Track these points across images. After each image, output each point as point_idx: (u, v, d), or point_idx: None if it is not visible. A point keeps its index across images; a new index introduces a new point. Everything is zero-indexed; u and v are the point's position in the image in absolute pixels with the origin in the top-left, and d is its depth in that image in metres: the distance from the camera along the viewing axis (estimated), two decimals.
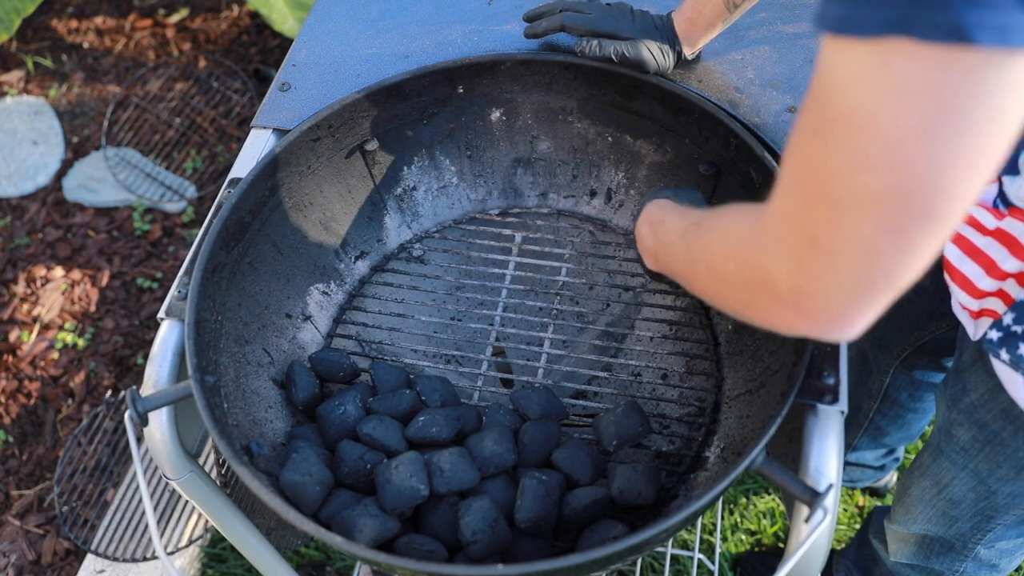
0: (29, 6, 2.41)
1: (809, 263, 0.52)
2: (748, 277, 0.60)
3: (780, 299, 0.56)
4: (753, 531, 1.73)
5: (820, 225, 0.50)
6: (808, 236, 0.51)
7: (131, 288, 2.19)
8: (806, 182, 0.51)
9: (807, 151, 0.50)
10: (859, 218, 0.48)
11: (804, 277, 0.53)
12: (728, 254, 0.64)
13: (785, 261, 0.54)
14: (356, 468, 0.95)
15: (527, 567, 0.76)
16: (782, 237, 0.54)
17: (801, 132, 0.51)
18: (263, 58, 2.64)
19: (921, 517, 1.18)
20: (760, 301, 0.59)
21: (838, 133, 0.47)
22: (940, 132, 0.44)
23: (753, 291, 0.60)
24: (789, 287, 0.54)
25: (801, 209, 0.51)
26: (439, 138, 1.23)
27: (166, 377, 0.95)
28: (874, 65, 0.44)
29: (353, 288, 1.22)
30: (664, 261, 0.85)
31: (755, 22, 1.18)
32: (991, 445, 0.99)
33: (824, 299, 0.53)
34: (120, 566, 1.69)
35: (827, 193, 0.49)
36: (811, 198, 0.50)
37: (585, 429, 1.08)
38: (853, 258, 0.50)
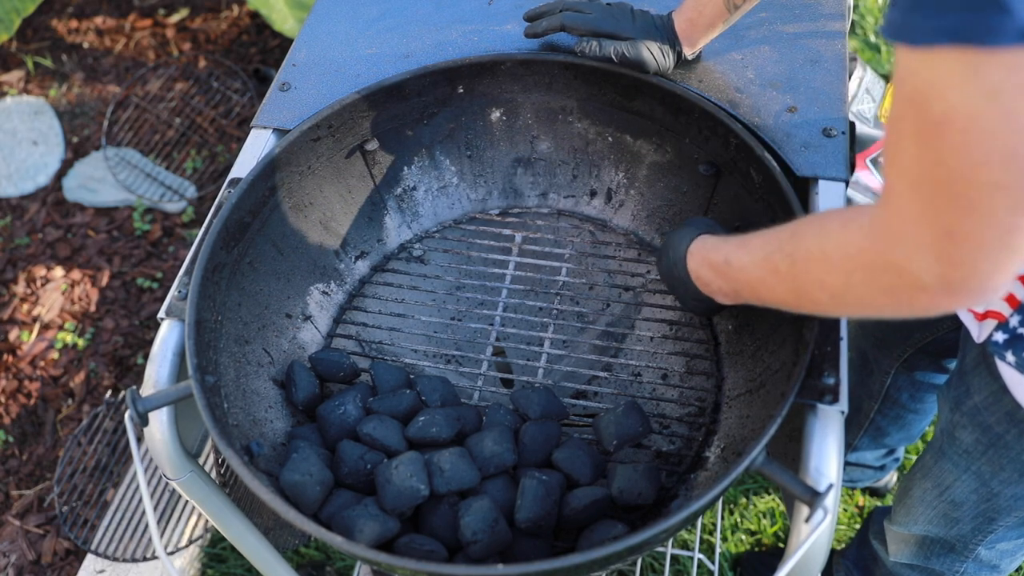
0: (29, 6, 2.41)
1: (951, 253, 0.56)
2: (884, 282, 0.63)
3: (928, 289, 0.60)
4: (753, 531, 1.73)
5: (952, 218, 0.54)
6: (943, 230, 0.55)
7: (131, 288, 2.19)
8: (925, 182, 0.55)
9: (916, 154, 0.54)
10: (989, 207, 0.53)
11: (949, 266, 0.57)
12: (850, 268, 0.66)
13: (925, 256, 0.58)
14: (356, 468, 0.95)
15: (527, 567, 0.76)
16: (915, 236, 0.57)
17: (903, 136, 0.55)
18: (263, 58, 2.64)
19: (922, 519, 1.18)
20: (903, 297, 0.63)
21: (946, 135, 0.51)
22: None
23: (893, 292, 0.63)
24: (935, 277, 0.58)
25: (928, 207, 0.55)
26: (439, 138, 1.23)
27: (166, 377, 0.95)
28: (963, 72, 0.48)
29: (353, 288, 1.22)
30: (752, 294, 0.85)
31: (755, 22, 1.18)
32: (995, 448, 0.99)
33: (974, 278, 0.57)
34: (120, 566, 1.69)
35: (951, 189, 0.53)
36: (935, 196, 0.54)
37: (585, 429, 1.08)
38: (991, 240, 0.55)
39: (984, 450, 1.00)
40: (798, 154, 1.03)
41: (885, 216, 0.61)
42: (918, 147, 0.54)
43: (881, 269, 0.63)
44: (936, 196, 0.55)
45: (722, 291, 0.90)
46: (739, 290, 0.87)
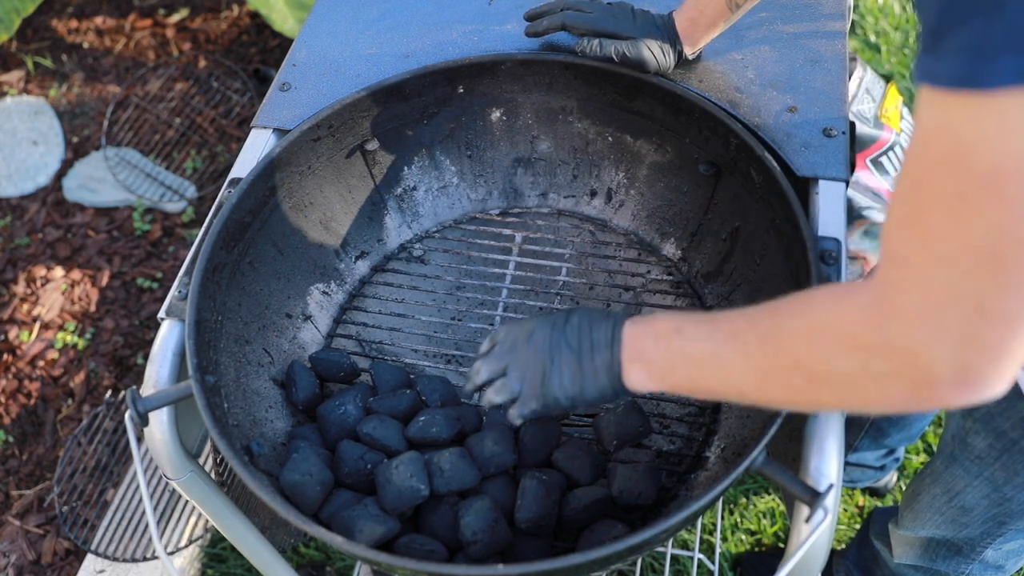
0: (29, 6, 2.41)
1: (979, 335, 0.49)
2: (881, 368, 0.55)
3: (936, 381, 0.52)
4: (753, 531, 1.73)
5: (991, 292, 0.48)
6: (974, 306, 0.49)
7: (131, 288, 2.19)
8: (963, 252, 0.48)
9: (953, 220, 0.47)
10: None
11: (973, 352, 0.50)
12: (839, 348, 0.57)
13: (945, 341, 0.50)
14: (356, 468, 0.95)
15: (527, 567, 0.76)
16: (937, 317, 0.50)
17: (932, 203, 0.48)
18: (263, 58, 2.64)
19: (930, 523, 1.17)
20: (902, 388, 0.55)
21: (998, 191, 0.45)
22: None
23: (890, 381, 0.55)
24: (952, 367, 0.51)
25: (961, 282, 0.48)
26: (439, 138, 1.23)
27: (166, 377, 0.95)
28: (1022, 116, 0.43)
29: (353, 288, 1.22)
30: (692, 374, 0.70)
31: (755, 22, 1.18)
32: (1009, 453, 0.98)
33: (997, 368, 0.51)
34: (120, 566, 1.68)
35: (995, 255, 0.47)
36: (976, 267, 0.48)
37: (585, 429, 1.08)
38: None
39: (998, 456, 1.00)
40: (798, 154, 1.03)
41: (895, 294, 0.52)
42: (956, 212, 0.47)
43: (882, 354, 0.54)
44: (977, 267, 0.48)
45: (650, 367, 0.73)
46: (676, 366, 0.71)
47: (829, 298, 0.60)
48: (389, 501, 0.90)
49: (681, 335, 0.71)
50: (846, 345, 0.57)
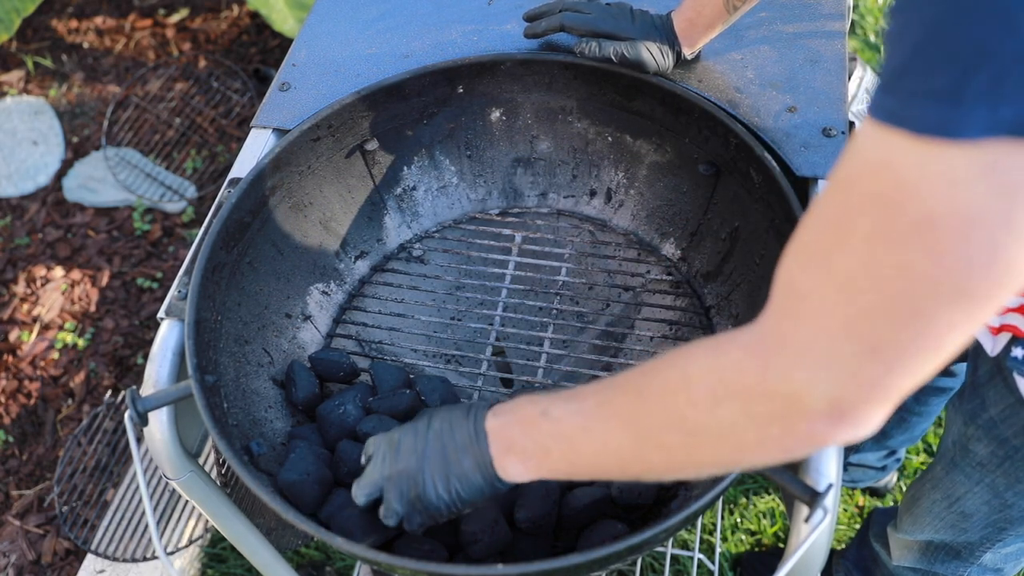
0: (29, 6, 2.41)
1: (865, 373, 0.48)
2: (761, 409, 0.53)
3: (809, 416, 0.51)
4: (753, 531, 1.73)
5: (889, 335, 0.47)
6: (867, 346, 0.47)
7: (131, 288, 2.19)
8: (869, 290, 0.47)
9: (871, 256, 0.46)
10: (931, 319, 0.46)
11: (852, 388, 0.49)
12: (719, 394, 0.54)
13: (828, 374, 0.49)
14: (356, 468, 0.95)
15: (527, 567, 0.76)
16: (825, 349, 0.49)
17: (857, 237, 0.46)
18: (263, 58, 2.64)
19: (929, 528, 1.17)
20: (779, 428, 0.53)
21: (927, 238, 0.44)
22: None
23: (768, 422, 0.53)
24: (828, 403, 0.50)
25: (859, 318, 0.47)
26: (439, 138, 1.23)
27: (166, 377, 0.95)
28: (980, 168, 0.42)
29: (353, 288, 1.22)
30: (567, 452, 0.66)
31: (755, 22, 1.18)
32: (1011, 460, 0.98)
33: (873, 404, 0.50)
34: (120, 566, 1.69)
35: (901, 298, 0.46)
36: (876, 305, 0.47)
37: None
38: (919, 358, 0.47)
39: (1000, 463, 1.00)
40: (798, 154, 1.03)
41: (784, 326, 0.51)
42: (875, 250, 0.46)
43: (762, 393, 0.52)
44: (882, 308, 0.47)
45: (524, 456, 0.69)
46: (550, 449, 0.67)
47: (707, 346, 0.57)
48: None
49: (548, 417, 0.66)
50: (726, 389, 0.54)
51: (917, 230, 0.44)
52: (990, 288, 0.45)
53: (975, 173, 0.42)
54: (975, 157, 0.42)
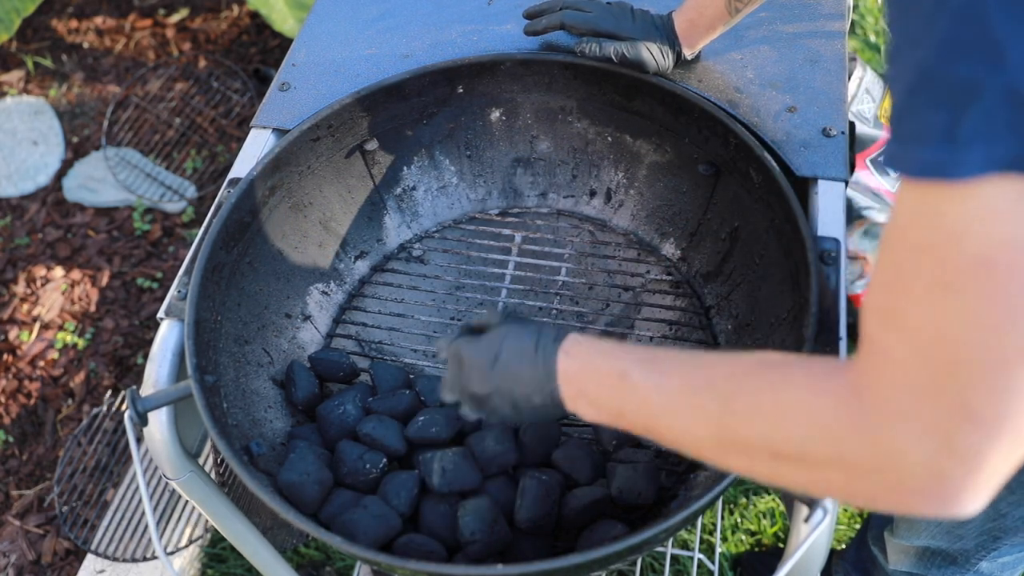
0: (29, 6, 2.41)
1: (961, 439, 0.44)
2: (858, 461, 0.50)
3: (910, 488, 0.47)
4: (753, 531, 1.73)
5: (975, 391, 0.43)
6: (958, 406, 0.44)
7: (131, 288, 2.19)
8: (944, 345, 0.44)
9: (934, 311, 0.44)
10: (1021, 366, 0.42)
11: (954, 458, 0.45)
12: (815, 436, 0.52)
13: (922, 440, 0.45)
14: (355, 468, 0.95)
15: (527, 567, 0.76)
16: (919, 413, 0.45)
17: (913, 293, 0.44)
18: (263, 58, 2.64)
19: (925, 533, 1.17)
20: (871, 487, 0.50)
21: (984, 281, 0.41)
22: None
23: (863, 477, 0.50)
24: (928, 473, 0.46)
25: (941, 377, 0.44)
26: (439, 138, 1.23)
27: (166, 377, 0.95)
28: (1016, 199, 0.40)
29: (353, 288, 1.22)
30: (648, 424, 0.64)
31: (755, 22, 1.18)
32: None
33: (973, 480, 0.46)
34: (120, 566, 1.69)
35: (979, 354, 0.42)
36: (957, 362, 0.43)
37: (585, 429, 1.08)
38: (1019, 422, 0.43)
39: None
40: (798, 154, 1.03)
41: (876, 386, 0.48)
42: (940, 302, 0.43)
43: (860, 446, 0.49)
44: (958, 361, 0.43)
45: (597, 405, 0.68)
46: (625, 413, 0.66)
47: (803, 376, 0.54)
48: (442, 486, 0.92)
49: (626, 381, 0.64)
50: (821, 432, 0.52)
51: (974, 276, 0.42)
52: None
53: (1013, 203, 0.41)
54: (997, 192, 0.41)
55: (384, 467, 0.96)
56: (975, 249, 0.42)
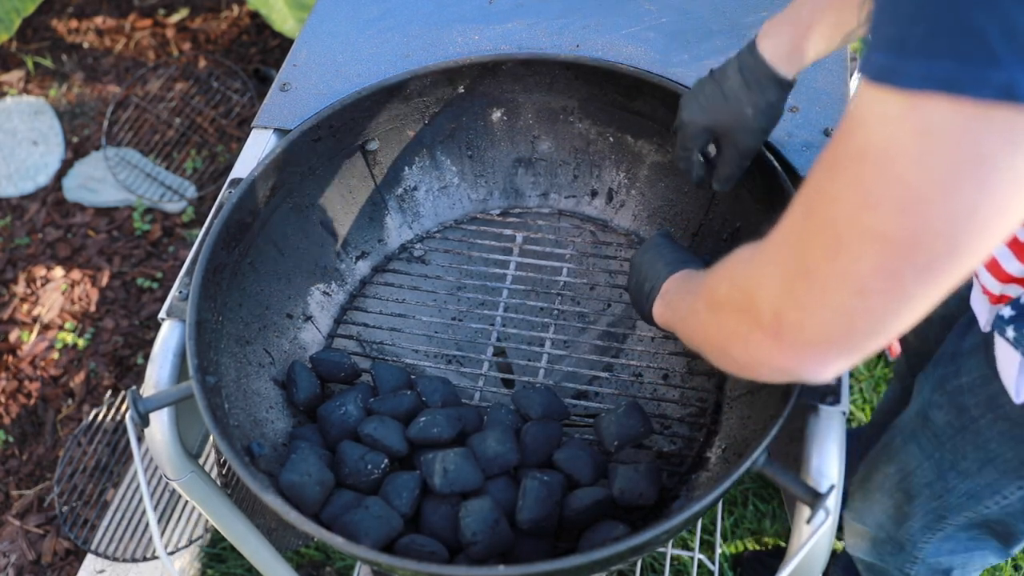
0: (29, 6, 2.40)
1: (797, 291, 0.51)
2: (736, 300, 0.59)
3: (761, 325, 0.55)
4: (753, 531, 1.72)
5: (816, 255, 0.49)
6: (802, 264, 0.51)
7: (131, 288, 2.19)
8: (811, 211, 0.50)
9: (819, 181, 0.50)
10: (856, 256, 0.47)
11: (789, 304, 0.52)
12: (724, 275, 0.63)
13: (774, 284, 0.53)
14: (357, 469, 0.95)
15: (528, 568, 0.76)
16: (777, 261, 0.53)
17: (819, 164, 0.50)
18: (263, 58, 2.64)
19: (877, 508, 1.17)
20: (742, 328, 0.58)
21: (853, 167, 0.46)
22: (964, 183, 0.43)
23: (737, 316, 0.59)
24: (772, 313, 0.54)
25: (801, 236, 0.51)
26: (440, 138, 1.23)
27: (167, 378, 0.95)
28: (906, 109, 0.43)
29: (354, 288, 1.22)
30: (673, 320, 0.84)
31: (757, 21, 1.18)
32: (965, 432, 0.98)
33: (805, 331, 0.52)
34: (120, 566, 1.68)
35: (829, 225, 0.48)
36: (812, 227, 0.50)
37: (586, 429, 1.08)
38: (842, 295, 0.49)
39: (953, 434, 0.99)
40: (799, 154, 1.03)
41: (769, 236, 0.56)
42: (825, 174, 0.49)
43: (740, 287, 0.59)
44: (812, 227, 0.50)
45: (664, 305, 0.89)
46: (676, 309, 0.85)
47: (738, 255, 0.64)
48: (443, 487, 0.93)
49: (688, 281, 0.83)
50: (729, 273, 0.63)
51: (851, 159, 0.46)
52: (908, 234, 0.45)
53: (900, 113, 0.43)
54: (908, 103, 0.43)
55: (385, 468, 0.96)
56: (862, 141, 0.45)
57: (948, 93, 0.41)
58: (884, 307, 0.49)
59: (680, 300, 0.82)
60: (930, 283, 0.47)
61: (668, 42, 1.17)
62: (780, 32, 0.87)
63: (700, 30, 1.18)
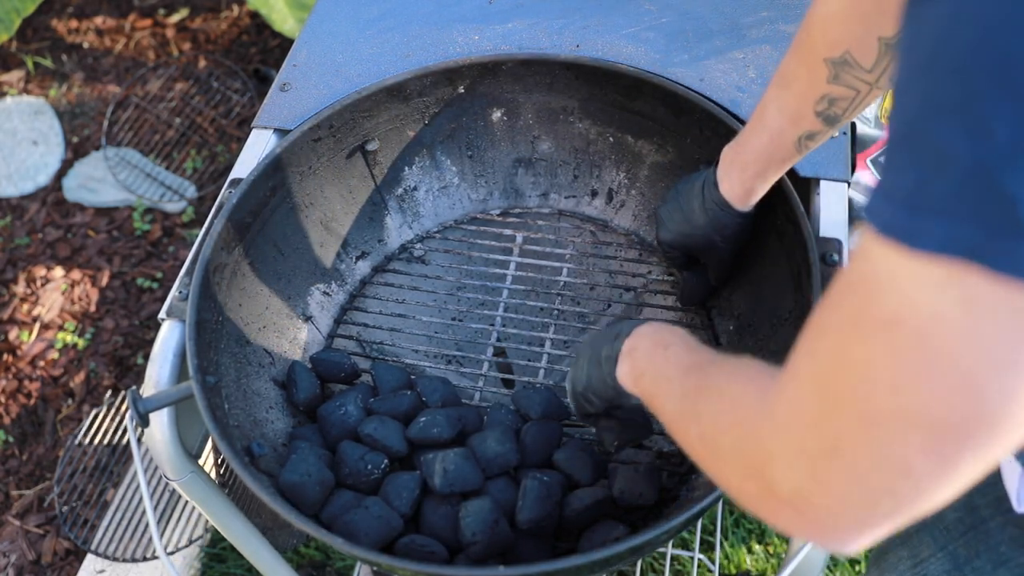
0: (29, 6, 2.40)
1: (824, 471, 0.44)
2: (744, 460, 0.52)
3: (777, 496, 0.48)
4: (753, 531, 1.72)
5: (847, 435, 0.43)
6: (829, 442, 0.44)
7: (131, 288, 2.19)
8: (835, 381, 0.43)
9: (840, 344, 0.43)
10: (899, 439, 0.41)
11: (814, 484, 0.45)
12: (726, 427, 0.55)
13: (793, 459, 0.46)
14: (357, 469, 0.95)
15: (528, 568, 0.76)
16: (794, 432, 0.46)
17: (830, 320, 0.44)
18: (263, 58, 2.64)
19: None
20: (752, 489, 0.51)
21: (888, 338, 0.40)
22: (1020, 359, 0.38)
23: (747, 476, 0.52)
24: (791, 488, 0.47)
25: (824, 410, 0.44)
26: (440, 138, 1.23)
27: (167, 378, 0.95)
28: (941, 278, 0.38)
29: (354, 288, 1.22)
30: (649, 390, 0.73)
31: (757, 21, 1.18)
32: (975, 531, 0.95)
33: (834, 512, 0.46)
34: (120, 566, 1.68)
35: (862, 402, 0.42)
36: (840, 402, 0.43)
37: (586, 430, 1.08)
38: (881, 478, 0.43)
39: (964, 531, 0.96)
40: None
41: (777, 394, 0.49)
42: (845, 340, 0.43)
43: (749, 450, 0.51)
44: (840, 401, 0.43)
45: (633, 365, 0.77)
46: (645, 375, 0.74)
47: (752, 375, 0.57)
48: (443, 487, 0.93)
49: (666, 352, 0.71)
50: (732, 426, 0.54)
51: (882, 329, 0.41)
52: (960, 418, 0.40)
53: (934, 281, 0.38)
54: (935, 268, 0.38)
55: (385, 468, 0.96)
56: (894, 306, 0.40)
57: (977, 263, 0.36)
58: (929, 486, 0.43)
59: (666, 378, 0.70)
60: (982, 459, 0.42)
61: (668, 42, 1.17)
62: (731, 176, 0.92)
63: (700, 30, 1.18)
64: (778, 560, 1.68)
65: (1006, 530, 0.91)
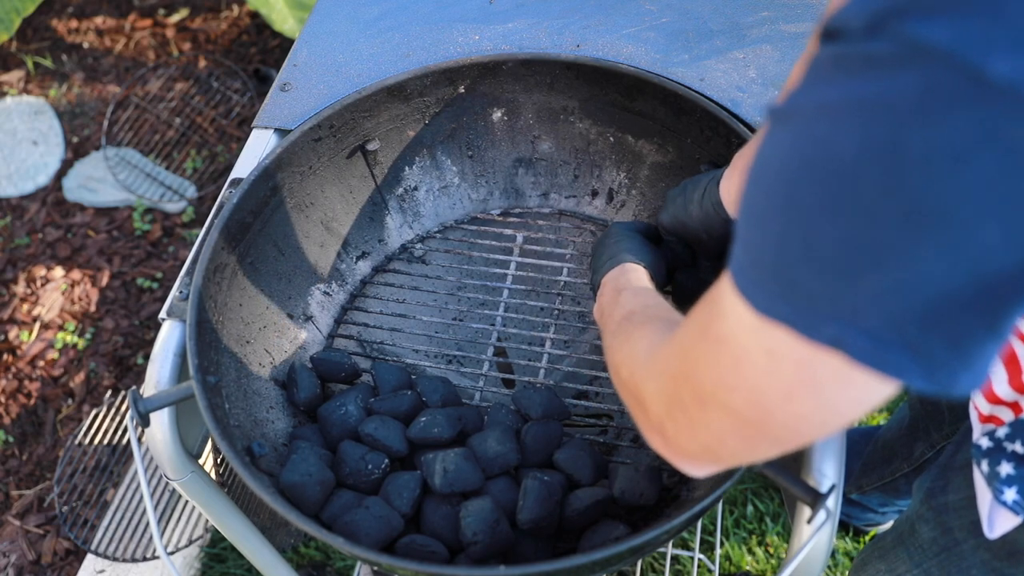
0: (29, 6, 2.40)
1: (675, 415, 0.57)
2: (633, 391, 0.65)
3: (650, 423, 0.61)
4: (753, 531, 1.72)
5: (688, 399, 0.55)
6: (679, 396, 0.56)
7: (131, 288, 2.19)
8: (685, 360, 0.55)
9: (693, 337, 0.54)
10: (717, 416, 0.53)
11: (669, 421, 0.58)
12: (626, 363, 0.68)
13: (658, 401, 0.59)
14: (357, 469, 0.95)
15: (529, 568, 0.76)
16: (662, 380, 0.58)
17: (697, 316, 0.54)
18: (263, 58, 2.64)
19: None
20: (637, 414, 0.64)
21: (718, 348, 0.51)
22: (802, 398, 0.48)
23: (635, 404, 0.65)
24: (656, 419, 0.60)
25: (678, 375, 0.56)
26: (440, 138, 1.23)
27: (167, 377, 0.95)
28: (757, 327, 0.47)
29: (354, 288, 1.22)
30: (600, 322, 0.87)
31: (757, 21, 1.18)
32: (948, 553, 0.96)
33: (682, 446, 0.59)
34: (120, 566, 1.68)
35: (695, 384, 0.54)
36: (687, 375, 0.55)
37: (587, 430, 1.08)
38: (707, 438, 0.55)
39: (938, 552, 0.97)
40: None
41: (662, 348, 0.61)
42: (696, 336, 0.54)
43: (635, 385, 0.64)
44: (683, 377, 0.55)
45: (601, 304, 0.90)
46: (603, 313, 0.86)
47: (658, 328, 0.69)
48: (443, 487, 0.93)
49: (618, 297, 0.85)
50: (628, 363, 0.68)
51: (713, 342, 0.51)
52: (757, 418, 0.51)
53: (755, 332, 0.48)
54: (759, 324, 0.47)
55: (386, 468, 0.96)
56: (726, 330, 0.50)
57: (782, 325, 0.46)
58: (744, 453, 0.55)
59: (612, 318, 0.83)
60: (780, 447, 0.53)
61: (668, 42, 1.17)
62: (731, 179, 0.97)
63: (700, 30, 1.18)
64: (778, 560, 1.68)
65: (978, 553, 0.92)
